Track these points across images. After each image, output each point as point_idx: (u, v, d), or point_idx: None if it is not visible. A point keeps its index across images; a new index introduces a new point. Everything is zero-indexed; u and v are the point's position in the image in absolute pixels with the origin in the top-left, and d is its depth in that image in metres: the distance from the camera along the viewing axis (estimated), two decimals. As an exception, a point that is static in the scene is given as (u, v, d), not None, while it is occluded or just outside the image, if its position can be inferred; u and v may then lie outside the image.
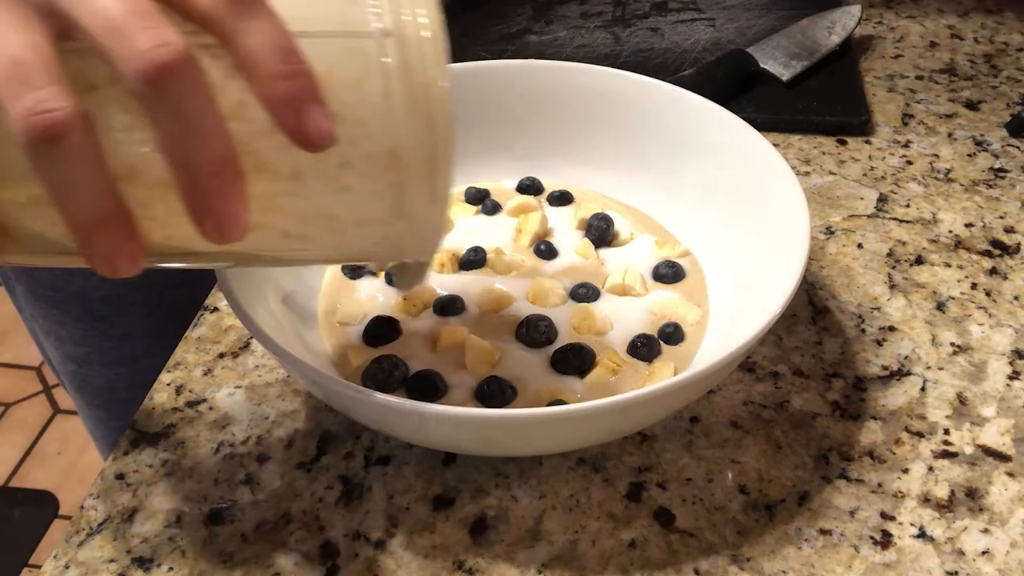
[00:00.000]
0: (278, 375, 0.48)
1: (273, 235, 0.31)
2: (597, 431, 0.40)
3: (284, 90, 0.27)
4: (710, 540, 0.40)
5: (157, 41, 0.25)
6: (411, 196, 0.32)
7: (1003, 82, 0.70)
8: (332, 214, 0.32)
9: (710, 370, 0.37)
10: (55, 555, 0.41)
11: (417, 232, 0.34)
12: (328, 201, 0.31)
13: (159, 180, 0.28)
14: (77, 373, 0.71)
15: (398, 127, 0.31)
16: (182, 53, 0.26)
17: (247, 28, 0.27)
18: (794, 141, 0.64)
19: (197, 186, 0.27)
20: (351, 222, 0.32)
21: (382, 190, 0.32)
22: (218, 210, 0.28)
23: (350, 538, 0.41)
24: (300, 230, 0.32)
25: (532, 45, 0.73)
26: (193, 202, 0.28)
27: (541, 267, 0.50)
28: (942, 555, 0.39)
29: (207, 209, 0.28)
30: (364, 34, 0.30)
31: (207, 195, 0.27)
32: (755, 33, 0.73)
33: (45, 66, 0.26)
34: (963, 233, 0.56)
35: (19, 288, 0.68)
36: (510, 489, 0.42)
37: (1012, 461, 0.43)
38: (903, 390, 0.47)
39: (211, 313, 0.52)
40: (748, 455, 0.43)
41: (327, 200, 0.31)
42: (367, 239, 0.33)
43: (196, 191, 0.27)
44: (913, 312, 0.51)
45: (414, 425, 0.39)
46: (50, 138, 0.25)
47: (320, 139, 0.28)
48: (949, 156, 0.62)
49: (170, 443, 0.45)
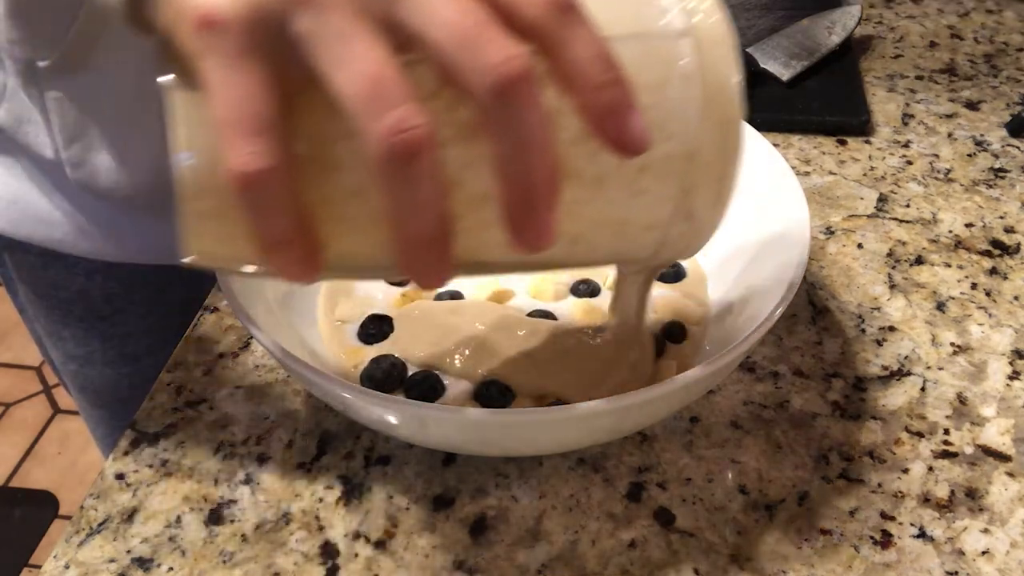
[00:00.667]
0: (278, 375, 0.48)
1: (565, 242, 0.31)
2: (597, 431, 0.40)
3: (607, 99, 0.27)
4: (710, 540, 0.40)
5: (507, 54, 0.25)
6: (700, 198, 0.32)
7: (1003, 82, 0.70)
8: (623, 219, 0.32)
9: (710, 370, 0.37)
10: (55, 555, 0.41)
11: (694, 234, 0.34)
12: (622, 206, 0.31)
13: (477, 193, 0.28)
14: (79, 373, 0.71)
15: (695, 129, 0.31)
16: (529, 66, 0.25)
17: (571, 37, 0.27)
18: (794, 141, 0.64)
19: (526, 197, 0.27)
20: (638, 226, 0.32)
21: (674, 193, 0.32)
22: (540, 221, 0.27)
23: (350, 538, 0.41)
24: (589, 236, 0.32)
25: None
26: (515, 214, 0.27)
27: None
28: (942, 555, 0.39)
29: (527, 221, 0.27)
30: (662, 35, 0.30)
31: (533, 206, 0.27)
32: (755, 33, 0.73)
33: (399, 82, 0.25)
34: (963, 233, 0.56)
35: (21, 288, 0.68)
36: (510, 489, 0.42)
37: (1012, 461, 0.43)
38: (903, 390, 0.47)
39: (211, 313, 0.52)
40: (748, 455, 0.43)
41: (622, 205, 0.31)
42: (646, 242, 0.33)
43: (520, 203, 0.27)
44: (913, 312, 0.51)
45: (414, 425, 0.39)
46: (409, 157, 0.25)
47: (639, 145, 0.27)
48: (949, 156, 0.62)
49: (170, 443, 0.45)
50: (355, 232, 0.29)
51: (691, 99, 0.30)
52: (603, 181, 0.30)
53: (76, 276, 0.64)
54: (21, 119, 0.54)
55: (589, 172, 0.30)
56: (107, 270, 0.64)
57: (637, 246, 0.34)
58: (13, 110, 0.54)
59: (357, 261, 0.30)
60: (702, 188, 0.32)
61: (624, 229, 0.32)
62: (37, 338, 0.75)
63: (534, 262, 0.33)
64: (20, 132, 0.55)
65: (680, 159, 0.31)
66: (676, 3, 0.30)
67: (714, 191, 0.33)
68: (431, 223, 0.27)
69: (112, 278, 0.64)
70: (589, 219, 0.31)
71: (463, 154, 0.28)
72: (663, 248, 0.34)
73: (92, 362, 0.69)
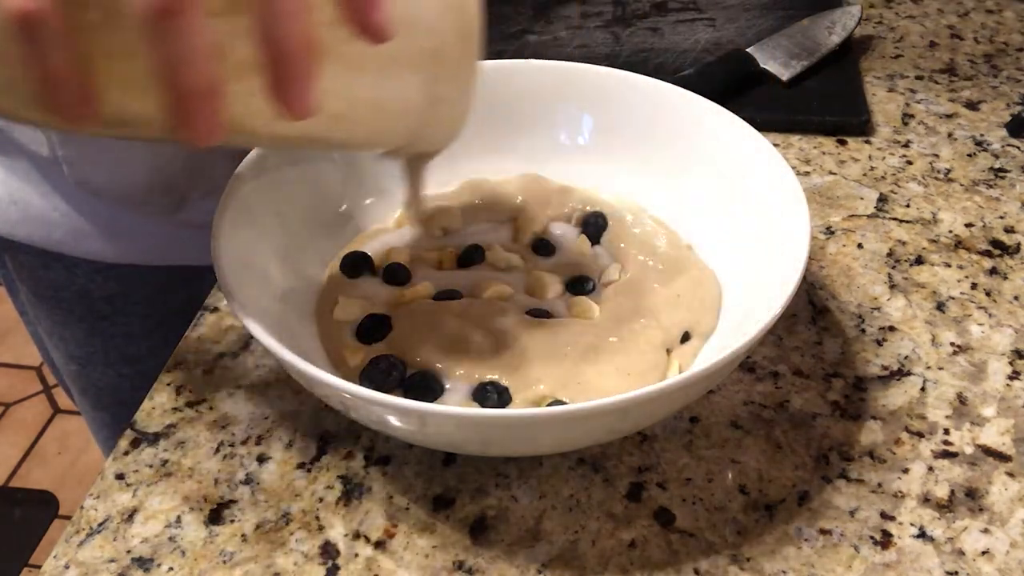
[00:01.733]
0: (278, 375, 0.48)
1: (325, 118, 0.34)
2: (597, 431, 0.40)
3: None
4: (710, 540, 0.40)
5: None
6: (445, 87, 0.38)
7: (1003, 82, 0.70)
8: (379, 102, 0.37)
9: (710, 370, 0.37)
10: (55, 555, 0.41)
11: (446, 122, 0.40)
12: (378, 89, 0.36)
13: (243, 61, 0.31)
14: (80, 374, 0.71)
15: (442, 25, 0.36)
16: None
17: None
18: (794, 141, 0.64)
19: (281, 65, 0.30)
20: (394, 110, 0.37)
21: (423, 80, 0.37)
22: (297, 88, 0.31)
23: (350, 538, 0.41)
24: (351, 115, 0.36)
25: (532, 45, 0.73)
26: (274, 82, 0.30)
27: (539, 263, 0.50)
28: (942, 555, 0.39)
29: (286, 88, 0.30)
30: None
31: (290, 74, 0.30)
32: (755, 33, 0.73)
33: None
34: (963, 233, 0.56)
35: (22, 289, 0.68)
36: (510, 489, 0.42)
37: (1012, 461, 0.43)
38: (903, 390, 0.47)
39: (211, 313, 0.52)
40: (748, 455, 0.43)
41: (376, 87, 0.36)
42: (402, 127, 0.38)
43: (279, 70, 0.30)
44: (913, 312, 0.51)
45: (414, 425, 0.39)
46: (166, 15, 0.27)
47: (383, 33, 0.31)
48: (949, 156, 0.62)
49: (170, 443, 0.45)
50: (129, 86, 0.31)
51: (436, 4, 0.36)
52: (360, 64, 0.35)
53: (77, 277, 0.64)
54: None
55: (347, 54, 0.34)
56: (108, 271, 0.64)
57: (394, 130, 0.39)
58: None
59: (132, 115, 0.32)
60: (448, 77, 0.38)
61: (381, 112, 0.37)
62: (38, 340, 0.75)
63: (300, 135, 0.36)
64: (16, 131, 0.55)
65: (427, 54, 0.36)
66: None
67: (458, 81, 0.38)
68: (197, 78, 0.29)
69: (113, 279, 0.64)
70: (349, 99, 0.36)
71: (231, 24, 0.30)
72: (419, 135, 0.39)
73: (93, 363, 0.69)
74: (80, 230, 0.61)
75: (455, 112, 0.40)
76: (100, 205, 0.60)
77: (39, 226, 0.61)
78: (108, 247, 0.62)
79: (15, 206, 0.60)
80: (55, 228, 0.61)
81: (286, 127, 0.33)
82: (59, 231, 0.61)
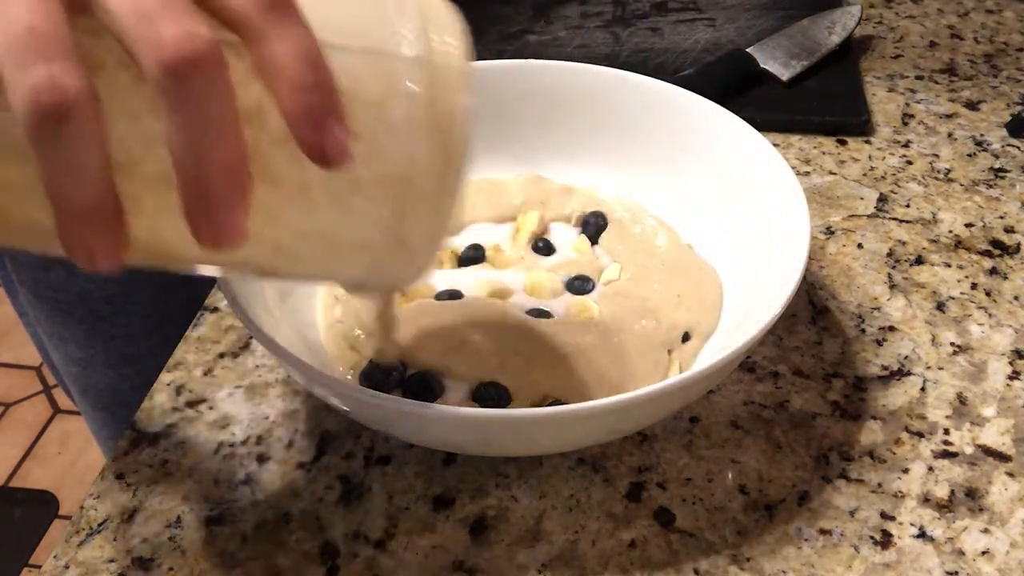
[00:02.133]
0: (278, 375, 0.48)
1: (264, 248, 0.30)
2: (597, 431, 0.40)
3: (306, 101, 0.26)
4: (710, 540, 0.40)
5: (185, 31, 0.24)
6: (414, 226, 0.31)
7: (1003, 82, 0.70)
8: (330, 234, 0.30)
9: (710, 370, 0.37)
10: (55, 555, 0.41)
11: (407, 263, 0.33)
12: (329, 220, 0.30)
13: (156, 174, 0.26)
14: (81, 375, 0.71)
15: (415, 153, 0.30)
16: (210, 47, 0.24)
17: (277, 33, 0.26)
18: (794, 141, 0.64)
19: (201, 187, 0.25)
20: (347, 245, 0.31)
21: (386, 216, 0.30)
22: (219, 216, 0.26)
23: (350, 538, 0.41)
24: (293, 246, 0.30)
25: (532, 45, 0.73)
26: (193, 203, 0.26)
27: (539, 263, 0.50)
28: (942, 555, 0.39)
29: (207, 213, 0.26)
30: (393, 56, 0.29)
31: (210, 198, 0.26)
32: (755, 33, 0.73)
33: (59, 38, 0.23)
34: (963, 233, 0.56)
35: (22, 291, 0.68)
36: (510, 489, 0.42)
37: (1012, 461, 0.43)
38: (903, 390, 0.47)
39: (211, 313, 0.52)
40: (748, 455, 0.43)
41: (328, 219, 0.30)
42: (357, 264, 0.32)
43: (199, 192, 0.26)
44: (913, 312, 0.51)
45: (414, 425, 0.39)
46: (58, 117, 0.23)
47: (336, 156, 0.26)
48: (949, 156, 0.62)
49: (170, 443, 0.45)
50: (25, 197, 0.27)
51: (413, 122, 0.29)
52: (307, 190, 0.29)
53: (77, 278, 0.64)
54: None
55: (292, 178, 0.28)
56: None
57: (348, 266, 0.32)
58: None
59: (33, 227, 0.28)
60: (417, 216, 0.31)
61: (333, 246, 0.31)
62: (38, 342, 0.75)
63: (235, 262, 0.31)
64: None
65: (394, 182, 0.30)
66: (416, 27, 0.29)
67: (429, 222, 0.31)
68: (87, 195, 0.25)
69: (113, 279, 0.64)
70: (292, 229, 0.30)
71: (144, 131, 0.26)
72: (376, 273, 0.32)
73: (94, 364, 0.69)
74: None
75: (418, 255, 0.33)
76: None
77: None
78: None
79: None
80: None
81: (214, 253, 0.27)
82: None
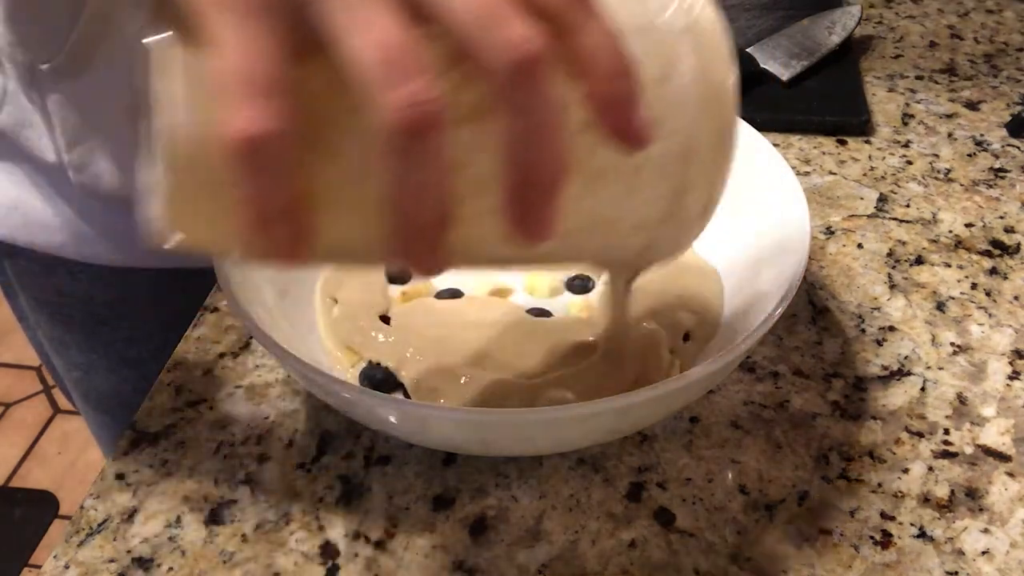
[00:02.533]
0: (278, 375, 0.48)
1: (556, 237, 0.29)
2: (597, 431, 0.40)
3: (616, 89, 0.26)
4: (710, 540, 0.40)
5: (526, 34, 0.24)
6: (691, 200, 0.32)
7: (1003, 82, 0.70)
8: (614, 216, 0.31)
9: (710, 370, 0.37)
10: (55, 555, 0.41)
11: (680, 237, 0.33)
12: (616, 203, 0.30)
13: (479, 177, 0.27)
14: (83, 380, 0.71)
15: (693, 128, 0.30)
16: (545, 47, 0.25)
17: (586, 25, 0.26)
18: (794, 141, 0.64)
19: (526, 187, 0.26)
20: (628, 225, 0.31)
21: (667, 193, 0.31)
22: (539, 211, 0.26)
23: (350, 538, 0.41)
24: (580, 232, 0.31)
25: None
26: (516, 203, 0.26)
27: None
28: (942, 555, 0.39)
29: (530, 209, 0.26)
30: (664, 30, 0.29)
31: (533, 197, 0.26)
32: (755, 33, 0.73)
33: (415, 53, 0.24)
34: (963, 233, 0.56)
35: (22, 296, 0.68)
36: (510, 489, 0.42)
37: (1012, 461, 0.43)
38: (903, 390, 0.47)
39: (211, 313, 0.52)
40: (748, 455, 0.43)
41: (615, 202, 0.30)
42: (633, 243, 0.32)
43: (523, 192, 0.26)
44: (913, 312, 0.51)
45: (414, 425, 0.39)
46: (420, 132, 0.24)
47: (642, 138, 0.27)
48: (949, 156, 0.62)
49: (170, 443, 0.45)
50: (350, 214, 0.27)
51: (690, 97, 0.30)
52: (601, 176, 0.29)
53: (79, 282, 0.64)
54: (22, 123, 0.54)
55: (589, 165, 0.29)
56: (110, 275, 0.63)
57: (623, 246, 0.33)
58: (13, 114, 0.54)
59: (349, 244, 0.29)
60: (695, 190, 0.32)
61: (614, 227, 0.31)
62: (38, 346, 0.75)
63: (523, 257, 0.31)
64: (21, 136, 0.55)
65: (676, 158, 0.30)
66: (674, 0, 0.30)
67: (706, 193, 0.32)
68: (433, 206, 0.25)
69: (115, 283, 0.64)
70: (582, 215, 0.30)
71: (470, 137, 0.27)
72: (648, 250, 0.33)
73: (96, 368, 0.69)
74: (82, 234, 0.61)
75: (691, 226, 0.33)
76: (103, 209, 0.60)
77: (40, 231, 0.60)
78: (111, 251, 0.62)
79: (15, 211, 0.60)
80: (56, 233, 0.60)
81: (511, 250, 0.28)
82: (60, 235, 0.60)
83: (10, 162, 0.59)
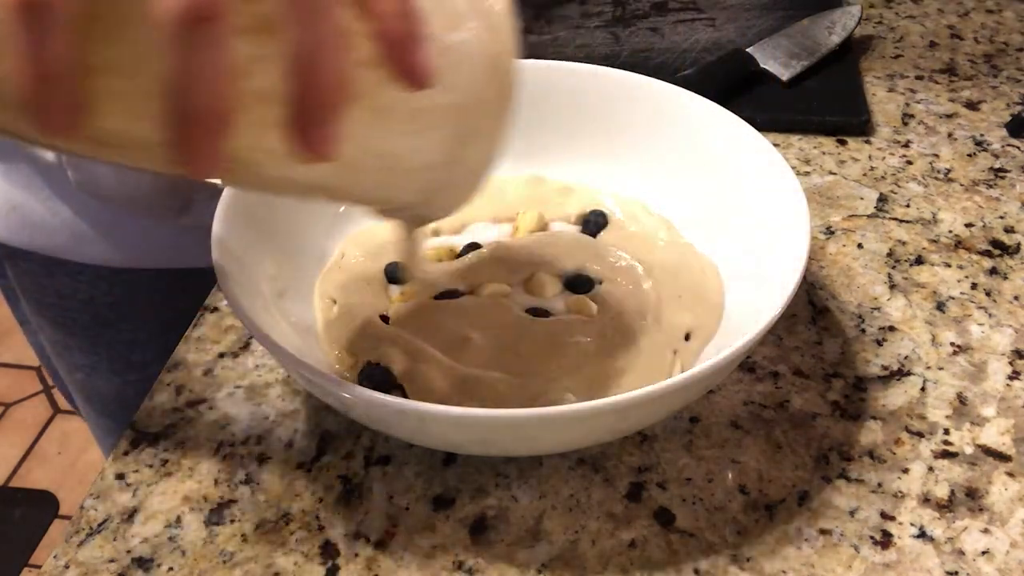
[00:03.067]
0: (278, 375, 0.48)
1: (336, 164, 0.31)
2: (597, 431, 0.40)
3: (400, 27, 0.29)
4: (710, 540, 0.40)
5: None
6: (470, 152, 0.35)
7: (1003, 82, 0.70)
8: (396, 154, 0.33)
9: (710, 370, 0.37)
10: (55, 555, 0.41)
11: (460, 187, 0.36)
12: (398, 141, 0.33)
13: (263, 89, 0.28)
14: (86, 383, 0.71)
15: (476, 86, 0.33)
16: None
17: None
18: (794, 141, 0.64)
19: (307, 100, 0.28)
20: (409, 166, 0.34)
21: (447, 139, 0.33)
22: (318, 129, 0.28)
23: (350, 538, 0.41)
24: (362, 164, 0.33)
25: (532, 45, 0.73)
26: (298, 116, 0.28)
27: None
28: (942, 555, 0.39)
29: (307, 126, 0.28)
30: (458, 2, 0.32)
31: (313, 111, 0.28)
32: (755, 33, 0.73)
33: None
34: (963, 233, 0.56)
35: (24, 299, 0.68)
36: (510, 489, 0.42)
37: (1012, 461, 0.43)
38: (903, 390, 0.47)
39: (211, 313, 0.52)
40: (748, 455, 0.43)
41: (398, 140, 0.33)
42: (413, 185, 0.35)
43: (304, 105, 0.28)
44: (913, 312, 0.51)
45: (414, 425, 0.39)
46: (198, 21, 0.25)
47: (424, 78, 0.29)
48: (949, 156, 0.62)
49: (170, 443, 0.45)
50: (131, 101, 0.28)
51: (475, 59, 0.33)
52: (387, 112, 0.31)
53: (81, 284, 0.64)
54: None
55: (375, 99, 0.31)
56: (112, 277, 0.63)
57: (404, 187, 0.35)
58: None
59: (129, 135, 0.29)
60: (476, 143, 0.35)
61: (395, 165, 0.34)
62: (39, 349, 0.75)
63: (303, 180, 0.33)
64: None
65: (459, 110, 0.33)
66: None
67: (485, 149, 0.35)
68: (209, 100, 0.26)
69: (117, 285, 0.64)
70: (365, 147, 0.32)
71: (256, 47, 0.28)
72: (427, 197, 0.36)
73: (99, 370, 0.69)
74: (82, 235, 0.61)
75: (470, 178, 0.37)
76: (102, 209, 0.60)
77: (40, 232, 0.60)
78: (111, 251, 0.62)
79: (15, 212, 0.60)
80: (56, 233, 0.60)
81: (291, 169, 0.30)
82: (60, 236, 0.60)
83: (8, 163, 0.59)
